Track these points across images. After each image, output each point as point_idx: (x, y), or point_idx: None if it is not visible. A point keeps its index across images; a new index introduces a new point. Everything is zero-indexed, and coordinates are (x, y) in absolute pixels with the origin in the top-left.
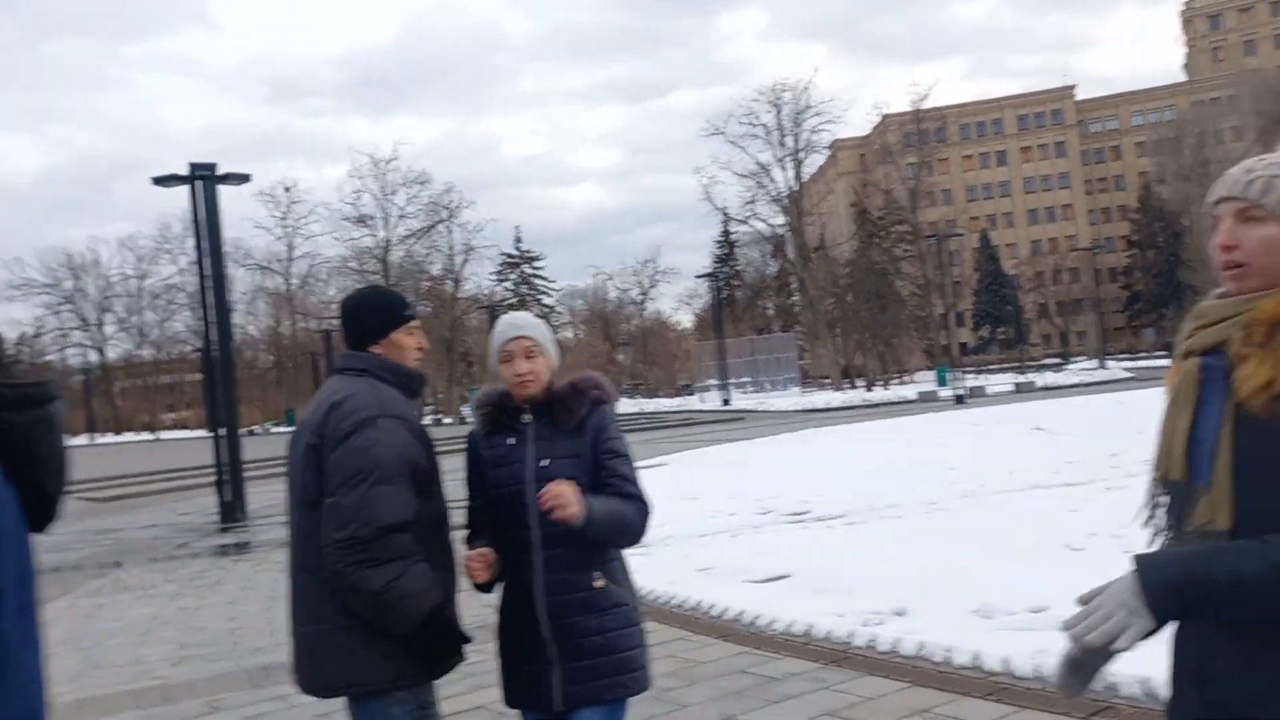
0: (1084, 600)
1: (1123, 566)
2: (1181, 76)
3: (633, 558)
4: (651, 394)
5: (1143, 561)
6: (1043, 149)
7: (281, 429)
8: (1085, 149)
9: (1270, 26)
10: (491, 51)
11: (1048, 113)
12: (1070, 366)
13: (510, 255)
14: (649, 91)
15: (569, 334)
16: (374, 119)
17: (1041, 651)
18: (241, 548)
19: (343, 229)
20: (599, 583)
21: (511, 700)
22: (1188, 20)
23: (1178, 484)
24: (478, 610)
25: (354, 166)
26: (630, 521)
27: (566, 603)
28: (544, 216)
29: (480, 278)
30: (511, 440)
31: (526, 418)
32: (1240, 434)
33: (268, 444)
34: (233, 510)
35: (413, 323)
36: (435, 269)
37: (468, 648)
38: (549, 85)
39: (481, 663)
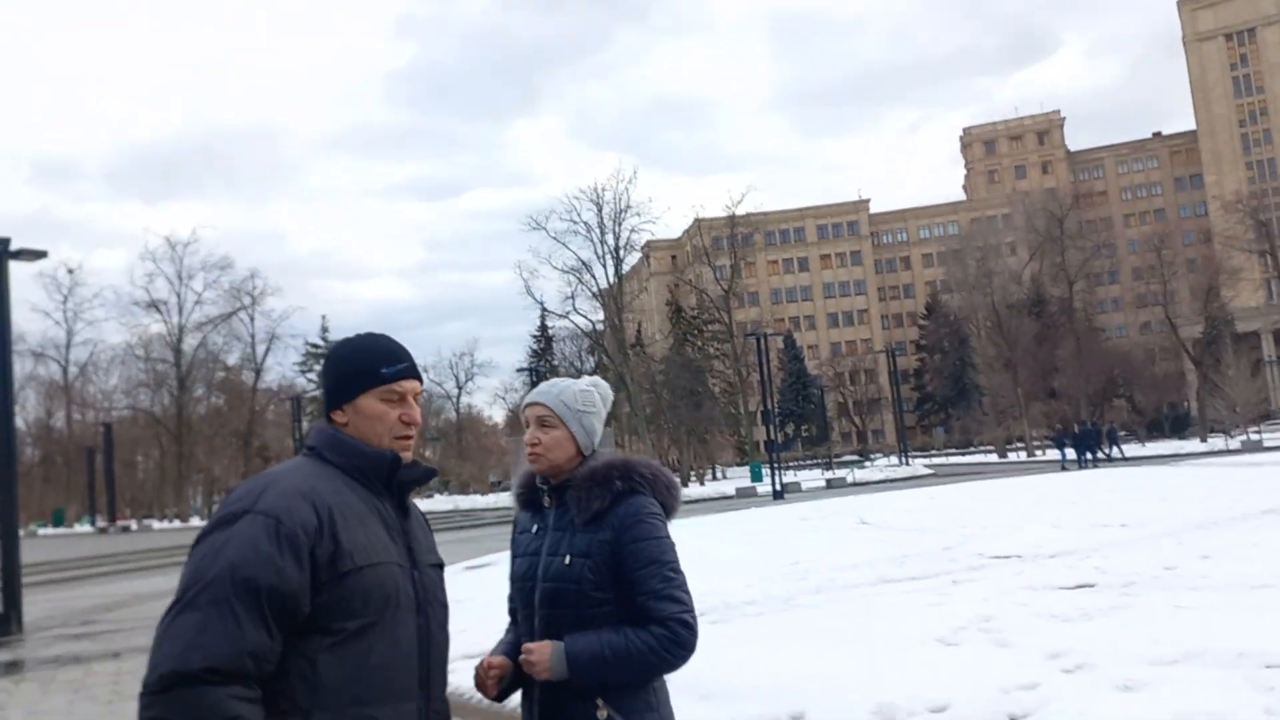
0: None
1: (998, 658)
2: (961, 195)
3: None
4: (463, 490)
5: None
6: (840, 257)
7: (49, 530)
8: (878, 259)
9: (1038, 154)
10: (278, 144)
11: (845, 224)
12: (875, 463)
13: (316, 346)
14: (444, 191)
15: None
16: (150, 205)
17: None
18: (16, 666)
19: (131, 314)
20: (602, 713)
21: None
22: (966, 145)
23: None
24: None
25: (146, 249)
26: (640, 656)
27: None
28: (338, 311)
29: (284, 368)
30: (536, 528)
31: (546, 501)
32: None
33: (38, 548)
34: (7, 622)
35: (395, 385)
36: (232, 358)
37: None
38: (340, 181)
39: None
